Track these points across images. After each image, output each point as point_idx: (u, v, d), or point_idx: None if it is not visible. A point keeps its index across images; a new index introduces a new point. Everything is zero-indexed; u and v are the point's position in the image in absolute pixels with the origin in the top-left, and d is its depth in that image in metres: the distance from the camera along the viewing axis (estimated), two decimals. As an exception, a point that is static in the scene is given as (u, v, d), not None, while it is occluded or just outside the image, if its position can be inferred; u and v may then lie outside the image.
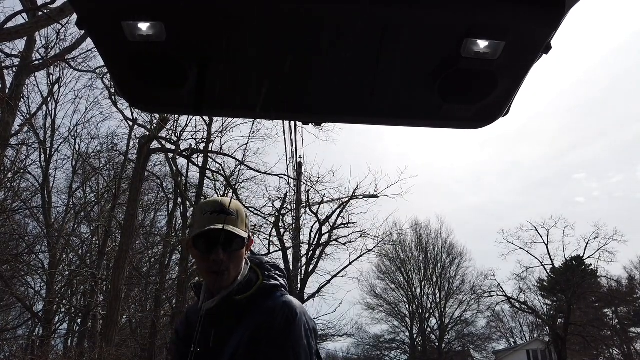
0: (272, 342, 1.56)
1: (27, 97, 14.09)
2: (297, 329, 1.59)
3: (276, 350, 1.55)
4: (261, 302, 1.64)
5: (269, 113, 1.46)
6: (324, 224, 16.50)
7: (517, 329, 36.98)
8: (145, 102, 1.36)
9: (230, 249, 1.63)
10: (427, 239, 36.72)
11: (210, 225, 1.61)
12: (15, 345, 12.93)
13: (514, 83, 1.22)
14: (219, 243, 1.59)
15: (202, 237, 1.62)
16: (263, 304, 1.64)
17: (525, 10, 1.02)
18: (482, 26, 1.05)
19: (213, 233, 1.60)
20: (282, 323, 1.58)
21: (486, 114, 1.31)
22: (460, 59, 1.11)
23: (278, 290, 1.69)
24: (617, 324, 31.47)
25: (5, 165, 12.13)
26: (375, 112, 1.32)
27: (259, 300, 1.64)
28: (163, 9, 1.03)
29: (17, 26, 7.68)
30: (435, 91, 1.20)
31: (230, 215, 1.63)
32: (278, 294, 1.68)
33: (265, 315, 1.60)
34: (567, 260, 28.33)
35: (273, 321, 1.58)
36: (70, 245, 16.40)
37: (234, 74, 1.23)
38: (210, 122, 14.28)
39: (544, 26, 1.05)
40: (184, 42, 1.11)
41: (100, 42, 1.12)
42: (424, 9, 1.03)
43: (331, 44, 1.12)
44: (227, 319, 1.64)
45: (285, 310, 1.61)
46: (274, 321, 1.58)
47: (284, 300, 1.65)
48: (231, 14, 1.06)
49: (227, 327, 1.63)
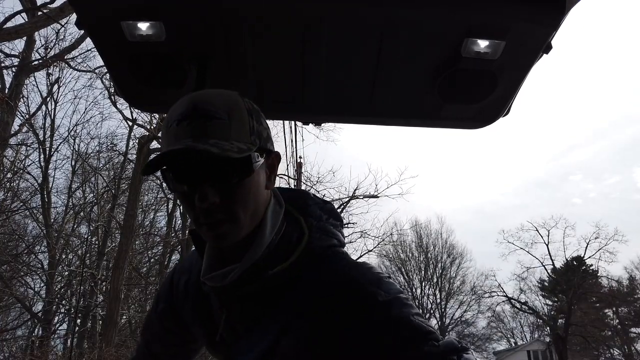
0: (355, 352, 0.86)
1: (27, 97, 14.09)
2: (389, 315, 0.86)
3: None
4: (310, 270, 0.94)
5: (269, 113, 1.46)
6: (324, 224, 16.48)
7: (517, 330, 36.94)
8: (145, 102, 1.36)
9: (224, 182, 0.86)
10: (427, 239, 36.71)
11: (175, 145, 0.83)
12: (14, 345, 12.92)
13: (514, 83, 1.21)
14: (196, 174, 0.85)
15: (167, 166, 0.87)
16: (314, 274, 0.93)
17: (525, 10, 1.02)
18: (482, 26, 1.05)
19: (181, 158, 0.84)
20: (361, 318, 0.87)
21: (486, 114, 1.31)
22: (461, 59, 1.11)
23: (336, 254, 0.97)
24: (617, 324, 31.44)
25: (5, 165, 12.13)
26: (375, 112, 1.32)
27: (306, 267, 0.94)
28: (162, 9, 1.03)
29: (16, 26, 7.67)
30: (435, 91, 1.20)
31: (213, 120, 0.85)
32: (336, 259, 0.96)
33: (321, 307, 0.89)
34: (568, 261, 28.33)
35: (343, 316, 0.87)
36: (70, 246, 16.39)
37: (233, 74, 1.23)
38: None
39: (544, 26, 1.05)
40: (183, 42, 1.11)
41: (100, 42, 1.12)
42: (424, 9, 1.03)
43: (331, 44, 1.12)
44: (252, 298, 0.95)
45: (354, 295, 0.89)
46: (345, 317, 0.87)
47: (346, 275, 0.92)
48: (230, 14, 1.05)
49: (250, 311, 0.96)
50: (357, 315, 0.87)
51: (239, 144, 0.85)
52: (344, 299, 0.89)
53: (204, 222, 0.88)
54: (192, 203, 0.86)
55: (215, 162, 0.84)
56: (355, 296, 0.89)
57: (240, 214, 0.88)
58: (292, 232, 0.97)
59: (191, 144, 0.81)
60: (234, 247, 0.92)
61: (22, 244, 14.33)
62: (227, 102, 0.89)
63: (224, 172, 0.86)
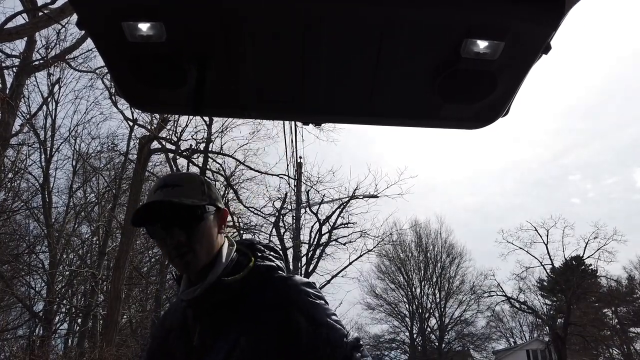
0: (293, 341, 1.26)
1: (28, 97, 14.09)
2: (315, 311, 1.30)
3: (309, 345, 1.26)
4: (257, 287, 1.33)
5: (269, 113, 1.47)
6: (324, 224, 16.53)
7: (516, 329, 36.95)
8: (145, 103, 1.37)
9: (186, 226, 1.29)
10: (426, 239, 36.71)
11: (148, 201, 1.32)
12: (15, 345, 12.92)
13: (514, 83, 1.21)
14: (165, 220, 1.29)
15: (142, 220, 1.32)
16: (261, 290, 1.33)
17: (525, 10, 1.02)
18: (481, 26, 1.05)
19: (152, 211, 1.29)
20: (290, 317, 1.28)
21: (486, 114, 1.31)
22: (460, 59, 1.11)
23: (275, 272, 1.38)
24: (616, 323, 31.44)
25: (6, 165, 12.13)
26: (375, 112, 1.32)
27: (254, 285, 1.33)
28: (163, 10, 1.03)
29: (17, 26, 7.68)
30: (435, 91, 1.20)
31: (175, 187, 1.31)
32: (276, 276, 1.37)
33: (266, 309, 1.29)
34: (567, 260, 28.31)
35: (281, 317, 1.28)
36: (71, 245, 16.39)
37: (233, 75, 1.23)
38: (210, 122, 14.27)
39: (543, 26, 1.05)
40: (184, 43, 1.11)
41: (101, 42, 1.12)
42: (423, 9, 1.03)
43: (331, 44, 1.12)
44: (216, 310, 1.32)
45: (289, 297, 1.31)
46: (283, 317, 1.28)
47: (286, 284, 1.34)
48: (230, 14, 1.06)
49: (217, 319, 1.31)
50: (291, 319, 1.28)
51: (192, 199, 1.31)
52: (283, 309, 1.29)
53: (175, 255, 1.30)
54: (167, 244, 1.30)
55: (178, 211, 1.28)
56: (290, 306, 1.29)
57: (198, 249, 1.31)
58: (243, 259, 1.39)
59: (159, 199, 1.29)
60: (199, 274, 1.32)
61: (23, 244, 14.34)
62: (186, 177, 1.40)
63: (186, 218, 1.30)
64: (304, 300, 1.31)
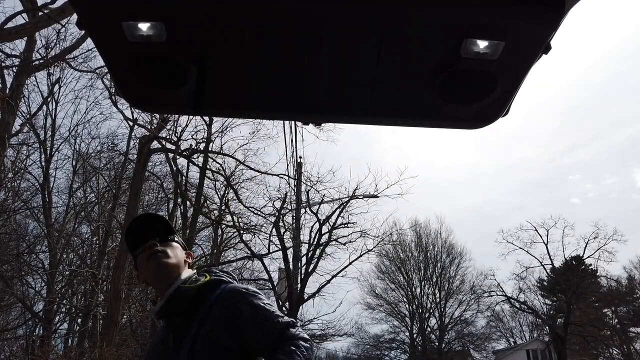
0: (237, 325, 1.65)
1: (28, 97, 14.12)
2: (253, 299, 1.71)
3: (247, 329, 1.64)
4: (211, 294, 1.73)
5: (269, 113, 1.47)
6: (324, 224, 16.49)
7: (516, 329, 36.99)
8: (145, 103, 1.37)
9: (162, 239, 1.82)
10: (426, 239, 36.73)
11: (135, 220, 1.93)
12: (15, 345, 12.93)
13: (514, 83, 1.22)
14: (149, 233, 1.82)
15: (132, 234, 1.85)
16: (213, 296, 1.73)
17: (525, 10, 1.02)
18: (481, 26, 1.05)
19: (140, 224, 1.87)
20: (236, 306, 1.68)
21: (486, 114, 1.31)
22: (460, 59, 1.11)
23: (224, 282, 1.80)
24: (616, 323, 31.45)
25: (6, 165, 12.14)
26: (375, 112, 1.32)
27: (209, 293, 1.74)
28: (163, 10, 1.03)
29: (17, 26, 7.68)
30: (435, 91, 1.20)
31: (156, 223, 1.90)
32: (223, 285, 1.79)
33: (217, 305, 1.69)
34: (567, 260, 28.32)
35: (228, 307, 1.67)
36: (71, 245, 16.40)
37: (233, 74, 1.23)
38: (210, 122, 14.29)
39: (543, 26, 1.05)
40: (184, 43, 1.11)
41: (100, 42, 1.12)
42: (423, 9, 1.03)
43: (331, 44, 1.12)
44: (180, 314, 1.71)
45: (234, 293, 1.72)
46: (229, 306, 1.67)
47: (232, 286, 1.77)
48: (230, 14, 1.06)
49: (182, 322, 1.70)
50: (236, 307, 1.67)
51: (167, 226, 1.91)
52: (229, 301, 1.69)
53: (153, 259, 1.76)
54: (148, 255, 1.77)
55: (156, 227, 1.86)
56: (234, 298, 1.70)
57: (171, 255, 1.80)
58: (201, 277, 1.80)
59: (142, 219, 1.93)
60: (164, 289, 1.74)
61: (23, 244, 14.35)
62: (162, 218, 1.98)
63: (161, 233, 1.85)
64: (245, 293, 1.72)
